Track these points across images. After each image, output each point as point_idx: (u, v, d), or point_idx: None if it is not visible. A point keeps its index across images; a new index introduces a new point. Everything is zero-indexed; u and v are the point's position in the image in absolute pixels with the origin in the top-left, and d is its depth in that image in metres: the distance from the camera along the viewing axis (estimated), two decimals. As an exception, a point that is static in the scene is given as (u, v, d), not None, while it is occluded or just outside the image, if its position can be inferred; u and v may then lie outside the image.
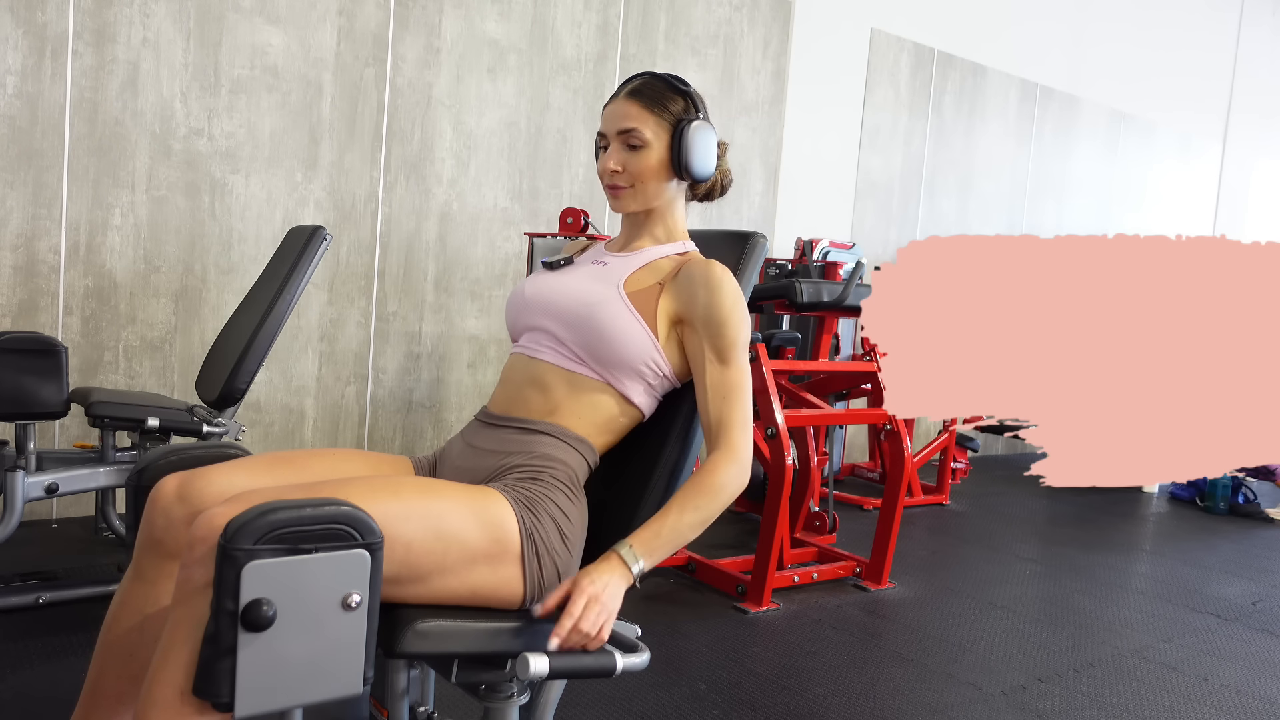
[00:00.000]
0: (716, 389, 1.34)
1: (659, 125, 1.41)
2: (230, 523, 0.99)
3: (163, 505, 1.24)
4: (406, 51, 3.70)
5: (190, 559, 1.05)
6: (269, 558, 0.99)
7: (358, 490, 1.15)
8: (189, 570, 1.05)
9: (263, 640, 0.99)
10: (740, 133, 4.72)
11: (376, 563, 1.05)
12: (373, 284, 3.72)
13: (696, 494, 1.28)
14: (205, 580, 1.03)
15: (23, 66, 3.00)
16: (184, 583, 1.05)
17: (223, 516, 1.05)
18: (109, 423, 2.39)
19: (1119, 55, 6.58)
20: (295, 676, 1.02)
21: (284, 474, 1.30)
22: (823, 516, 3.56)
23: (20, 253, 3.05)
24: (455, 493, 1.23)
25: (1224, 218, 7.78)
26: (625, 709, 2.07)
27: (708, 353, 1.35)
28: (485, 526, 1.21)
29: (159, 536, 1.23)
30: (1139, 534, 4.25)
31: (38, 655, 2.11)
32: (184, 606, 1.05)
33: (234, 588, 0.98)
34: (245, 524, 0.99)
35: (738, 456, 1.31)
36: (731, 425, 1.32)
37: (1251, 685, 2.51)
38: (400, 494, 1.17)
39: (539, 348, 1.41)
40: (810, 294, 3.46)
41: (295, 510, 1.01)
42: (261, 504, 1.01)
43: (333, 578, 1.03)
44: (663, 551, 1.26)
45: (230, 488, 1.24)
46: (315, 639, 1.03)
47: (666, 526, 1.26)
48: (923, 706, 2.21)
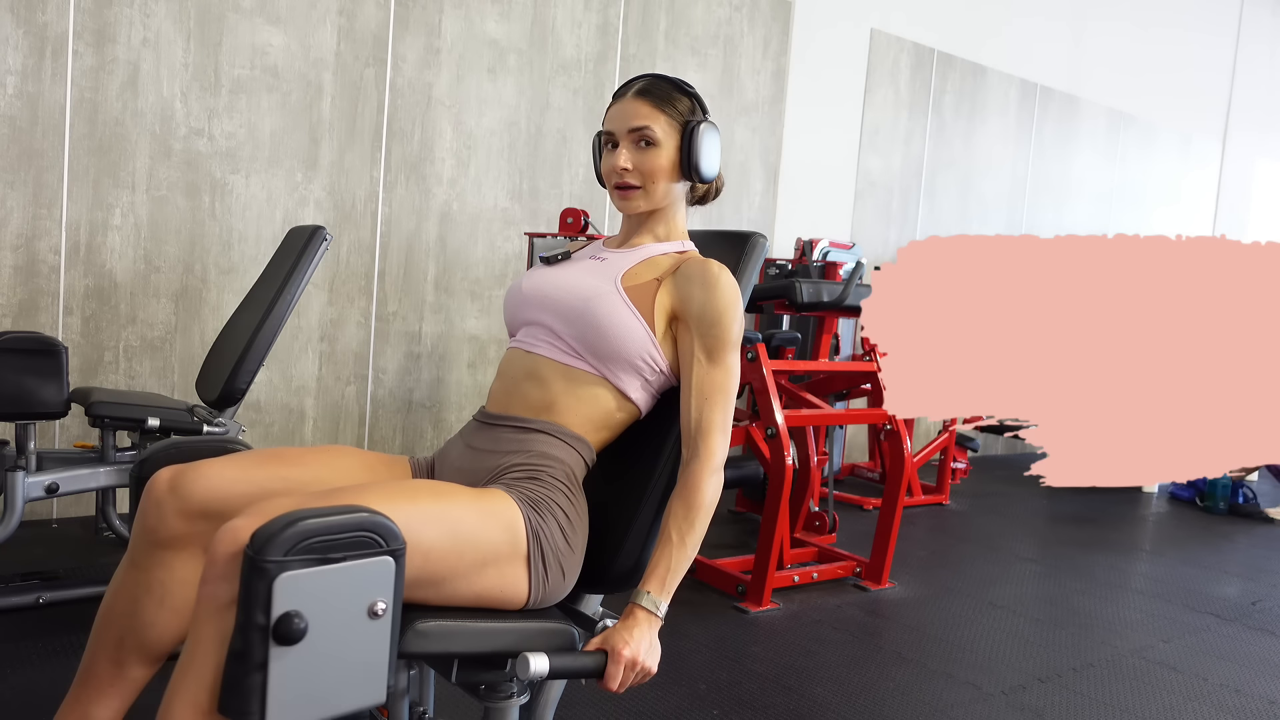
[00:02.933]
0: (700, 388, 1.33)
1: (669, 125, 1.41)
2: (257, 534, 0.96)
3: (156, 496, 1.26)
4: (406, 51, 3.70)
5: (212, 574, 1.02)
6: (299, 568, 0.96)
7: (376, 496, 1.13)
8: (211, 586, 1.02)
9: (294, 654, 0.96)
10: (740, 133, 4.72)
11: (400, 569, 1.04)
12: (373, 284, 3.72)
13: (688, 518, 1.29)
14: (230, 596, 1.00)
15: (23, 66, 3.00)
16: (207, 599, 1.02)
17: (245, 529, 1.02)
18: (109, 423, 2.39)
19: (1119, 55, 6.58)
20: (323, 689, 1.00)
21: (274, 469, 1.30)
22: (823, 516, 3.56)
23: (20, 253, 3.05)
24: (466, 495, 1.22)
25: (1224, 218, 7.77)
26: (625, 709, 2.07)
27: (697, 350, 1.34)
28: (497, 529, 1.22)
29: (151, 525, 1.26)
30: (1139, 534, 4.25)
31: (38, 655, 2.11)
32: (207, 624, 1.02)
33: (265, 601, 0.94)
34: (274, 535, 0.95)
35: (716, 464, 1.32)
36: (711, 429, 1.32)
37: (1251, 685, 2.51)
38: (417, 498, 1.16)
39: (536, 342, 1.41)
40: (810, 294, 3.46)
41: (323, 519, 0.98)
42: (286, 514, 0.99)
43: (360, 586, 1.00)
44: (676, 583, 1.28)
45: (220, 480, 1.26)
46: (342, 649, 1.00)
47: (674, 561, 1.28)
48: (923, 706, 2.21)
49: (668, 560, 1.27)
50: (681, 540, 1.28)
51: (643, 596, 1.26)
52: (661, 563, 1.28)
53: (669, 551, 1.28)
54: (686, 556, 1.29)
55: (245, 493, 1.26)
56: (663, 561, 1.28)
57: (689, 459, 1.32)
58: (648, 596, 1.25)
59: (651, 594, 1.26)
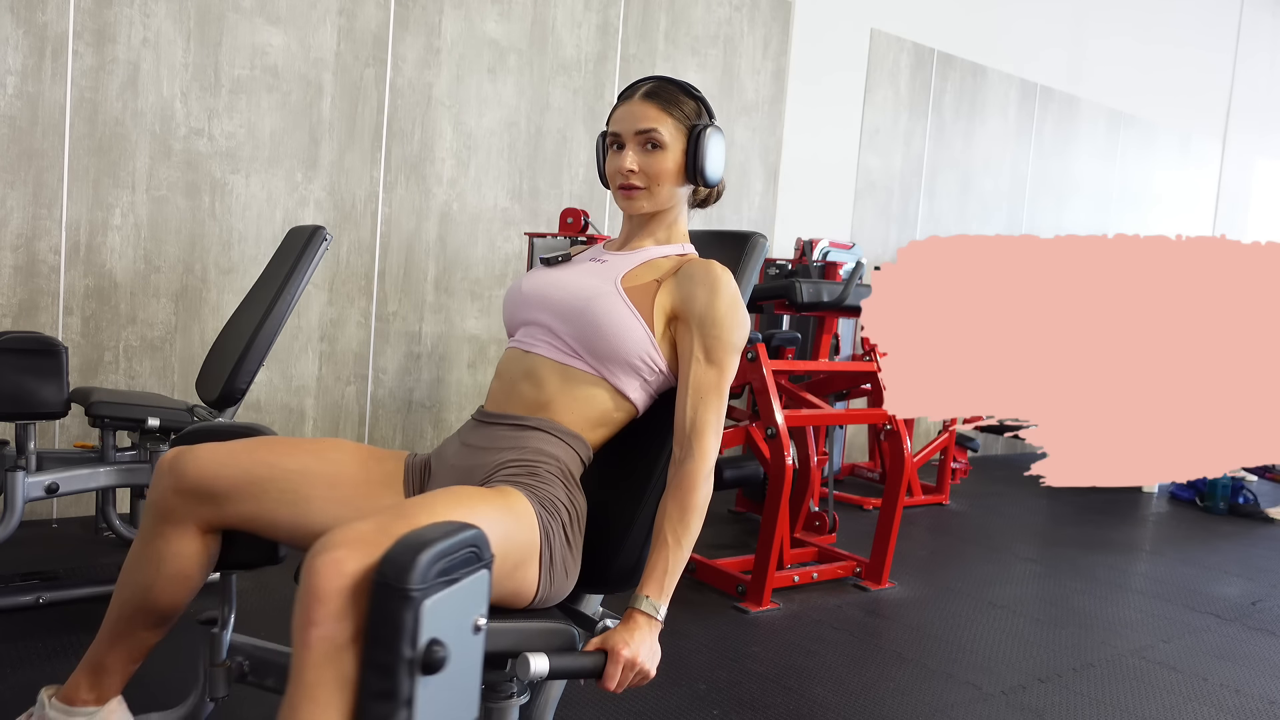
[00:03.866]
0: (697, 388, 1.34)
1: (676, 128, 1.42)
2: (392, 562, 0.91)
3: (160, 473, 1.35)
4: (406, 51, 3.70)
5: (323, 614, 0.95)
6: (437, 592, 0.91)
7: (446, 506, 1.11)
8: (325, 627, 0.95)
9: (433, 684, 0.91)
10: (740, 133, 4.72)
11: (490, 581, 1.03)
12: (373, 284, 3.72)
13: (684, 519, 1.30)
14: (348, 634, 0.95)
15: (23, 66, 3.00)
16: (321, 641, 0.95)
17: (347, 560, 0.96)
18: (109, 423, 2.39)
19: (1119, 55, 6.58)
20: (445, 714, 0.95)
21: (263, 456, 1.33)
22: (823, 516, 3.55)
23: (20, 253, 3.05)
24: (496, 498, 1.22)
25: (1224, 218, 7.77)
26: (625, 709, 2.07)
27: (696, 350, 1.35)
28: (527, 530, 1.23)
29: (155, 500, 1.35)
30: (1139, 534, 4.25)
31: (38, 655, 2.11)
32: (323, 668, 0.95)
33: (414, 631, 0.89)
34: (412, 560, 0.90)
35: (709, 466, 1.33)
36: (705, 429, 1.33)
37: (1251, 685, 2.51)
38: (475, 507, 1.16)
39: (534, 341, 1.41)
40: (810, 294, 3.46)
41: (445, 538, 0.94)
42: (407, 537, 0.95)
43: (469, 602, 0.97)
44: (674, 585, 1.29)
45: (210, 463, 1.32)
46: (455, 669, 0.96)
47: (670, 563, 1.28)
48: (923, 706, 2.21)
49: (664, 563, 1.28)
50: (677, 542, 1.29)
51: (641, 601, 1.26)
52: (658, 566, 1.28)
53: (665, 554, 1.28)
54: (682, 557, 1.29)
55: (230, 476, 1.31)
56: (659, 564, 1.28)
57: (682, 458, 1.33)
58: (647, 601, 1.26)
59: (650, 598, 1.26)
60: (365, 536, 0.99)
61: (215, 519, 1.34)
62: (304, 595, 0.97)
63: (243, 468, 1.32)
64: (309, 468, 1.33)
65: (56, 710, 1.38)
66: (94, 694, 1.40)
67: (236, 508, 1.32)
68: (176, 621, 1.41)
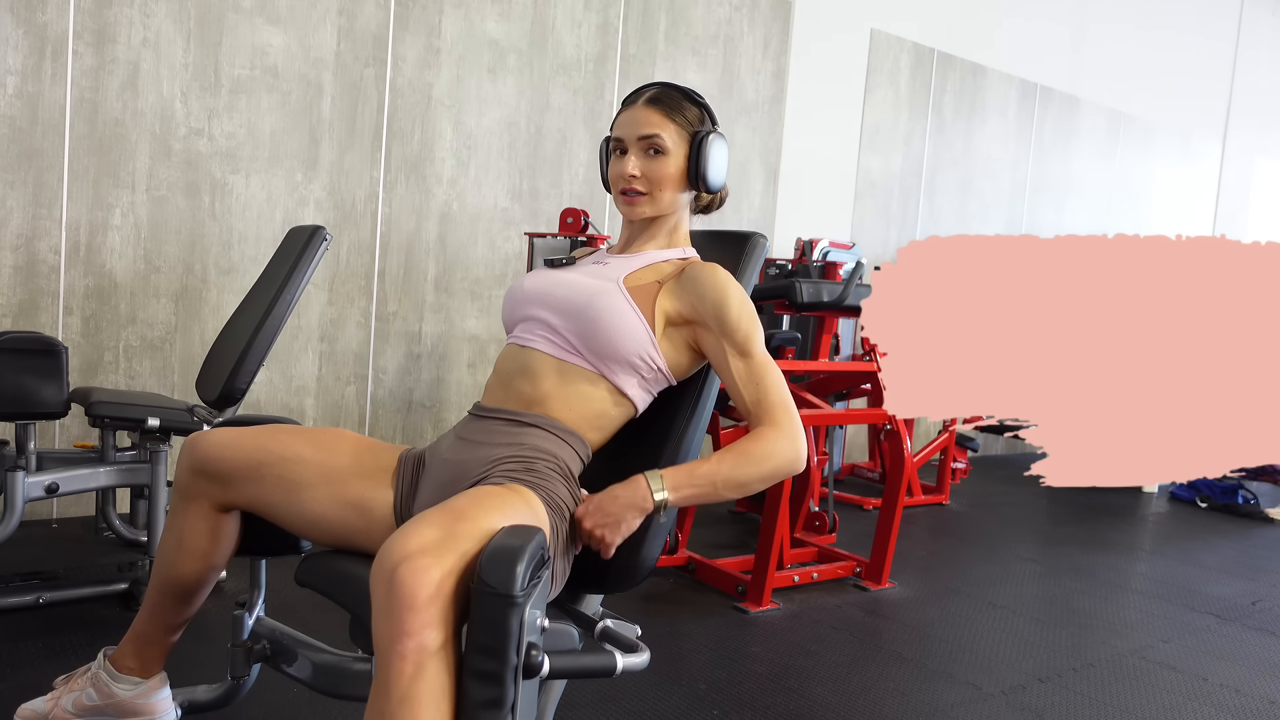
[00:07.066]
0: (746, 379, 1.36)
1: (679, 134, 1.43)
2: (492, 569, 0.92)
3: (181, 453, 1.43)
4: (406, 51, 3.70)
5: (415, 625, 0.95)
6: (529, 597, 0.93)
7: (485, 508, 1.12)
8: (417, 638, 0.95)
9: (529, 687, 0.92)
10: (740, 133, 4.72)
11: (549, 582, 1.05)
12: (373, 284, 3.72)
13: (738, 454, 1.31)
14: (440, 641, 0.95)
15: (23, 66, 3.00)
16: (415, 652, 0.95)
17: (430, 567, 0.97)
18: (109, 423, 2.39)
19: (1119, 55, 6.58)
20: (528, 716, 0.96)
21: (264, 442, 1.39)
22: (823, 516, 3.56)
23: (20, 253, 3.05)
24: (510, 498, 1.22)
25: (1224, 218, 7.78)
26: (625, 709, 2.07)
27: (729, 349, 1.37)
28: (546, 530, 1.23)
29: (177, 477, 1.44)
30: (1139, 534, 4.25)
31: (38, 655, 2.11)
32: (420, 680, 0.95)
33: (519, 637, 0.90)
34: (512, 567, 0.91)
35: (784, 430, 1.33)
36: (771, 403, 1.34)
37: (1251, 685, 2.51)
38: (505, 506, 1.17)
39: (532, 337, 1.42)
40: (810, 294, 3.46)
41: (528, 542, 0.96)
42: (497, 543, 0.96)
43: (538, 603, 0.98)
44: (690, 492, 1.28)
45: (216, 446, 1.39)
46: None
47: (701, 470, 1.29)
48: (922, 706, 2.21)
49: (695, 465, 1.30)
50: (719, 463, 1.29)
51: (651, 473, 1.28)
52: (689, 465, 1.30)
53: (703, 463, 1.30)
54: (718, 481, 1.29)
55: (234, 459, 1.38)
56: (690, 465, 1.30)
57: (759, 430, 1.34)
58: (656, 475, 1.28)
59: (662, 478, 1.27)
60: (436, 543, 1.00)
61: (224, 499, 1.41)
62: (395, 606, 0.96)
63: (245, 451, 1.38)
64: (304, 456, 1.37)
65: (107, 673, 1.46)
66: (138, 663, 1.47)
67: (240, 490, 1.39)
68: (205, 599, 1.49)
